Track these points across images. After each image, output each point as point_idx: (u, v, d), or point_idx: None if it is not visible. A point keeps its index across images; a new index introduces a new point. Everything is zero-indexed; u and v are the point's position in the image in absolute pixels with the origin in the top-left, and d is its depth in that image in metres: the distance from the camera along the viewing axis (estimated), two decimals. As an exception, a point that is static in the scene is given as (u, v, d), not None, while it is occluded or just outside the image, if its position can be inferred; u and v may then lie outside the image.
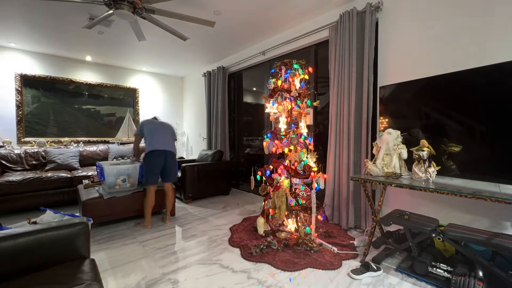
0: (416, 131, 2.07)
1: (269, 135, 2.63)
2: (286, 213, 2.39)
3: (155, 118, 3.17)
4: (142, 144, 3.07)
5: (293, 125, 2.53)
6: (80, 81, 4.78)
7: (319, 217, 2.53)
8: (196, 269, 1.94)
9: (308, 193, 2.48)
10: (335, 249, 2.21)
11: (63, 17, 3.08)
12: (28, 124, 4.31)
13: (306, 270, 1.91)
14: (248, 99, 5.00)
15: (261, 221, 2.53)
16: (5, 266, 1.14)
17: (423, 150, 1.83)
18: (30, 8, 2.88)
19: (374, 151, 2.20)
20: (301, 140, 2.48)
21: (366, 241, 2.13)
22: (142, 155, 3.01)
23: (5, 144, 3.97)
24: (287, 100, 2.56)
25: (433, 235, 1.74)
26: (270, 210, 2.58)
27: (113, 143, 5.01)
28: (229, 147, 4.70)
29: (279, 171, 2.55)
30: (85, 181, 3.07)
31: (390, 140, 2.05)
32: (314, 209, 2.31)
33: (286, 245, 2.30)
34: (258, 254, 2.11)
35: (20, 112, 4.22)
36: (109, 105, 5.18)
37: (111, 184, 2.76)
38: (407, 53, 2.34)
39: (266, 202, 2.63)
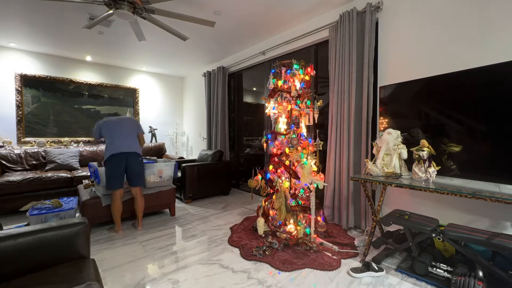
0: (416, 131, 2.07)
1: (269, 135, 2.63)
2: (286, 214, 2.39)
3: (115, 114, 2.90)
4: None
5: (292, 125, 2.53)
6: (80, 81, 4.78)
7: (319, 218, 2.54)
8: (196, 269, 1.94)
9: (307, 194, 2.49)
10: (336, 247, 2.21)
11: (63, 17, 3.08)
12: (28, 124, 4.31)
13: (306, 270, 1.91)
14: (248, 99, 5.00)
15: (261, 221, 2.53)
16: (5, 266, 1.14)
17: (423, 150, 1.83)
18: (30, 8, 2.88)
19: (374, 151, 2.20)
20: (302, 139, 2.47)
21: (366, 241, 2.13)
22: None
23: (5, 144, 3.97)
24: (287, 100, 2.56)
25: (433, 235, 1.74)
26: (270, 210, 2.58)
27: (113, 143, 5.00)
28: (229, 147, 4.70)
29: (279, 171, 2.55)
30: (85, 181, 3.06)
31: (390, 140, 2.05)
32: (313, 211, 2.31)
33: (286, 245, 2.30)
34: (261, 256, 2.11)
35: (20, 112, 4.22)
36: (109, 105, 5.18)
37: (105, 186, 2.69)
38: (407, 53, 2.34)
39: (266, 203, 2.63)
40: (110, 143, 2.57)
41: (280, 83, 2.59)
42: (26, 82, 4.27)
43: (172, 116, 6.18)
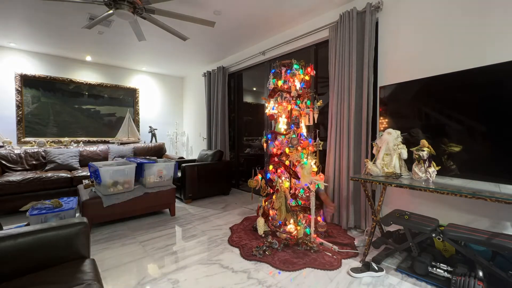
0: (416, 131, 2.07)
1: (269, 135, 2.63)
2: (286, 214, 2.39)
3: None
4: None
5: (292, 125, 2.53)
6: (80, 81, 4.79)
7: (319, 218, 2.54)
8: (196, 269, 1.94)
9: (307, 194, 2.48)
10: (336, 247, 2.21)
11: (63, 17, 3.08)
12: (28, 124, 4.31)
13: (306, 270, 1.91)
14: (248, 99, 5.00)
15: (261, 221, 2.53)
16: (5, 266, 1.14)
17: (423, 150, 1.83)
18: (31, 8, 2.88)
19: (374, 151, 2.20)
20: (302, 139, 2.47)
21: (366, 241, 2.13)
22: None
23: (5, 144, 3.97)
24: (287, 100, 2.56)
25: (433, 235, 1.74)
26: (270, 210, 2.58)
27: (113, 143, 5.01)
28: (229, 147, 4.70)
29: (279, 171, 2.55)
30: (85, 181, 3.06)
31: (390, 140, 2.05)
32: (313, 211, 2.31)
33: (286, 245, 2.30)
34: (261, 256, 2.11)
35: (20, 112, 4.22)
36: (109, 105, 5.18)
37: (107, 186, 2.69)
38: (407, 53, 2.34)
39: (266, 203, 2.63)
40: None
41: (280, 83, 2.59)
42: (26, 82, 4.27)
43: (172, 116, 6.18)
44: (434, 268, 1.74)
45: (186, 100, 6.22)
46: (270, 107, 2.65)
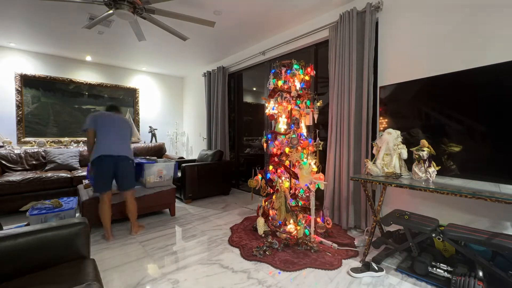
0: (416, 131, 2.07)
1: (269, 135, 2.63)
2: (286, 213, 2.39)
3: (111, 108, 2.66)
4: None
5: (292, 125, 2.53)
6: (80, 81, 4.79)
7: (318, 219, 2.53)
8: (196, 269, 1.94)
9: (307, 194, 2.48)
10: (336, 245, 2.22)
11: (63, 17, 3.08)
12: (28, 124, 4.31)
13: (306, 270, 1.91)
14: (248, 99, 5.00)
15: (261, 221, 2.53)
16: (5, 266, 1.14)
17: (423, 150, 1.83)
18: (31, 8, 2.88)
19: (374, 151, 2.20)
20: (302, 139, 2.47)
21: (366, 241, 2.13)
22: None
23: (5, 144, 3.97)
24: (287, 100, 2.56)
25: (433, 235, 1.74)
26: (270, 210, 2.58)
27: (113, 143, 5.00)
28: (229, 147, 4.70)
29: (279, 171, 2.55)
30: (85, 181, 3.06)
31: (390, 140, 2.05)
32: (313, 211, 2.31)
33: (286, 245, 2.30)
34: (261, 256, 2.11)
35: (20, 112, 4.22)
36: (109, 105, 5.18)
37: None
38: (407, 53, 2.34)
39: (266, 203, 2.63)
40: (100, 142, 2.40)
41: (280, 83, 2.59)
42: (26, 82, 4.27)
43: (172, 116, 6.18)
44: (434, 268, 1.74)
45: (186, 100, 6.22)
46: (270, 107, 2.65)
